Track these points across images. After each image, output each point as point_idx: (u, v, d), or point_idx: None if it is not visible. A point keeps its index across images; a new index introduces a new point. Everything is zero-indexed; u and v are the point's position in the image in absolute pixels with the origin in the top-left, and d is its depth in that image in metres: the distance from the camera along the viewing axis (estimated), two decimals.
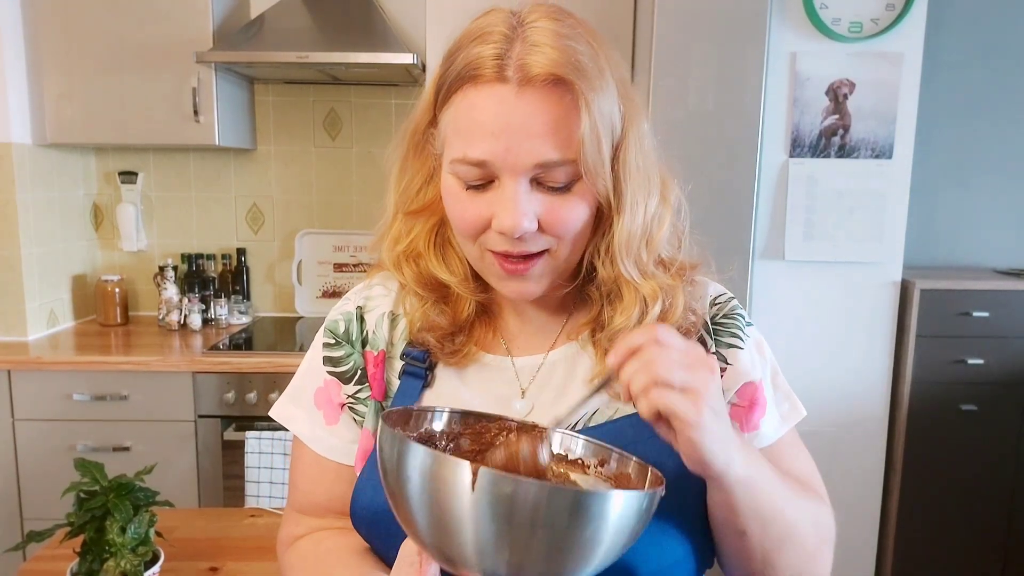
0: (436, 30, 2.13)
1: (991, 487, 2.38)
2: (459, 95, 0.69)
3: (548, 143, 0.67)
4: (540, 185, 0.69)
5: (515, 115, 0.66)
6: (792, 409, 0.83)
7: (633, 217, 0.73)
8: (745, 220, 2.10)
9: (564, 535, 0.53)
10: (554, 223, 0.70)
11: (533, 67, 0.66)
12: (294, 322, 2.73)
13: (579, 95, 0.66)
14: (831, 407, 2.30)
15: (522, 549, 0.53)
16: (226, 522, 1.45)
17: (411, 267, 0.81)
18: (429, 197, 0.79)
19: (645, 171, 0.74)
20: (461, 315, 0.80)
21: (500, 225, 0.69)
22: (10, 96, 2.29)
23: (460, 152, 0.69)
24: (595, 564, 0.56)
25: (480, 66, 0.67)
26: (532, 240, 0.70)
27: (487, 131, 0.67)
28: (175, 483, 2.20)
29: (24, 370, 2.17)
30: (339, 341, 0.84)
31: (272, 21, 2.39)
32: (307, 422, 0.84)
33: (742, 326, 0.82)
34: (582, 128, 0.66)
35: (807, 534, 0.73)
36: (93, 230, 2.77)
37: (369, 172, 2.76)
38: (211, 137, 2.38)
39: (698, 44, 2.02)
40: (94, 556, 1.07)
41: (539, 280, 0.74)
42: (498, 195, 0.69)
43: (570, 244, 0.72)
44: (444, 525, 0.55)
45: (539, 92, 0.66)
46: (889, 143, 2.20)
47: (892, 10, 2.13)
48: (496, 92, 0.67)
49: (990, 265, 2.70)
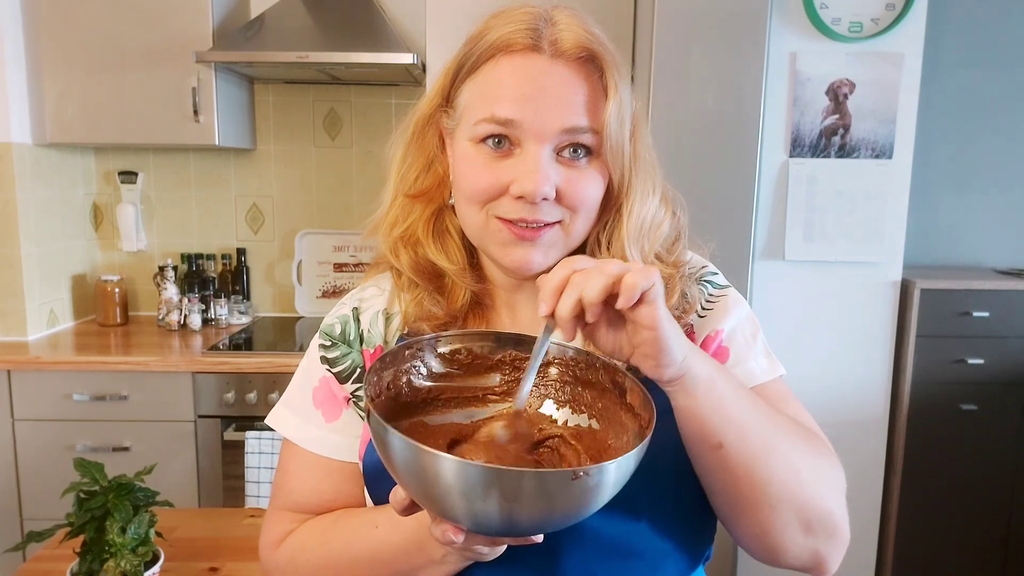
0: (436, 30, 2.12)
1: (991, 487, 2.38)
2: (489, 64, 0.72)
3: (577, 110, 0.70)
4: (560, 156, 0.71)
5: (547, 81, 0.70)
6: (771, 366, 0.80)
7: (643, 205, 0.76)
8: (745, 220, 2.10)
9: (550, 511, 0.56)
10: (572, 194, 0.71)
11: (565, 42, 0.70)
12: (294, 322, 2.73)
13: (608, 73, 0.71)
14: (831, 407, 2.30)
15: (507, 521, 0.56)
16: (226, 522, 1.45)
17: (408, 253, 0.81)
18: (428, 183, 0.81)
19: (652, 165, 0.78)
20: (455, 305, 0.80)
21: (522, 188, 0.69)
22: (10, 96, 2.29)
23: (487, 111, 0.71)
24: (583, 517, 0.59)
25: (514, 38, 0.71)
26: (548, 210, 0.71)
27: (519, 92, 0.70)
28: (175, 483, 2.20)
29: (24, 370, 2.17)
30: (336, 342, 0.84)
31: (272, 21, 2.39)
32: (305, 424, 0.83)
33: (709, 290, 0.81)
34: (609, 104, 0.70)
35: (797, 454, 0.68)
36: (93, 230, 2.77)
37: (369, 172, 2.76)
38: (211, 137, 2.38)
39: (698, 44, 2.02)
40: (94, 556, 1.07)
41: (547, 251, 0.73)
42: (520, 160, 0.71)
43: (582, 219, 0.74)
44: (432, 502, 0.57)
45: (571, 65, 0.70)
46: (889, 143, 2.20)
47: (892, 10, 2.13)
48: (530, 59, 0.70)
49: (990, 265, 2.70)
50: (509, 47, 0.70)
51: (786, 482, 0.67)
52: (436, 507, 0.57)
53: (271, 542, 0.84)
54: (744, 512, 0.69)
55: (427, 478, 0.55)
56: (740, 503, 0.69)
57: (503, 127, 0.70)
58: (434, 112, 0.78)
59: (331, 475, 0.82)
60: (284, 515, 0.85)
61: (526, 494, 0.53)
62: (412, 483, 0.58)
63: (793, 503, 0.67)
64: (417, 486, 0.57)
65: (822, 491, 0.69)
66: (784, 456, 0.67)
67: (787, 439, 0.68)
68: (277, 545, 0.83)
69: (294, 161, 2.76)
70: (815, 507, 0.68)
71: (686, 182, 0.85)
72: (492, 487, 0.53)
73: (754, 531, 0.70)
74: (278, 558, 0.83)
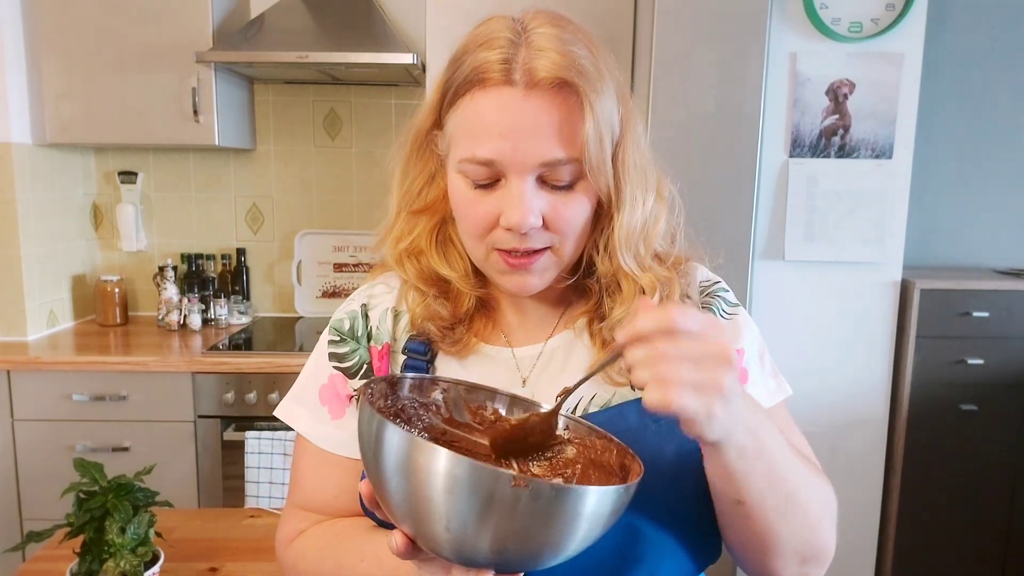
0: (436, 30, 2.12)
1: (991, 487, 2.38)
2: (466, 98, 0.71)
3: (553, 142, 0.70)
4: (544, 183, 0.72)
5: (522, 116, 0.69)
6: (778, 387, 0.84)
7: (632, 213, 0.76)
8: (745, 220, 2.10)
9: (537, 529, 0.54)
10: (558, 220, 0.73)
11: (539, 71, 0.68)
12: (294, 322, 2.73)
13: (583, 97, 0.69)
14: (831, 407, 2.30)
15: (493, 539, 0.54)
16: (226, 522, 1.45)
17: (413, 264, 0.83)
18: (431, 197, 0.82)
19: (642, 169, 0.77)
20: (461, 308, 0.82)
21: (508, 221, 0.71)
22: (10, 96, 2.29)
23: (468, 152, 0.71)
24: (567, 554, 0.57)
25: (487, 70, 0.70)
26: (536, 237, 0.73)
27: (495, 132, 0.70)
28: (175, 483, 2.20)
29: (24, 370, 2.17)
30: (344, 338, 0.85)
31: (272, 21, 2.39)
32: (312, 419, 0.85)
33: (723, 307, 0.83)
34: (586, 128, 0.69)
35: (810, 500, 0.71)
36: (93, 230, 2.77)
37: (369, 172, 2.76)
38: (211, 137, 2.38)
39: (698, 44, 2.02)
40: (94, 556, 1.07)
41: (541, 275, 0.76)
42: (505, 193, 0.72)
43: (572, 241, 0.75)
44: (420, 511, 0.55)
45: (545, 94, 0.69)
46: (889, 143, 2.20)
47: (892, 10, 2.13)
48: (503, 94, 0.69)
49: (990, 265, 2.70)
50: (483, 82, 0.70)
51: (798, 529, 0.71)
52: (430, 527, 0.55)
53: (283, 538, 0.87)
54: (751, 550, 0.73)
55: (415, 471, 0.54)
56: (751, 544, 0.72)
57: (485, 166, 0.71)
58: (430, 129, 0.78)
59: (336, 471, 0.84)
60: (296, 512, 0.87)
61: (502, 499, 0.52)
62: (405, 490, 0.56)
63: (800, 546, 0.72)
64: (411, 494, 0.55)
65: (824, 526, 0.73)
66: (799, 506, 0.70)
67: (803, 485, 0.71)
68: (289, 543, 0.86)
69: (294, 161, 2.76)
70: (816, 545, 0.73)
71: (686, 182, 0.85)
72: (474, 486, 0.52)
73: (756, 565, 0.75)
74: (287, 557, 0.86)
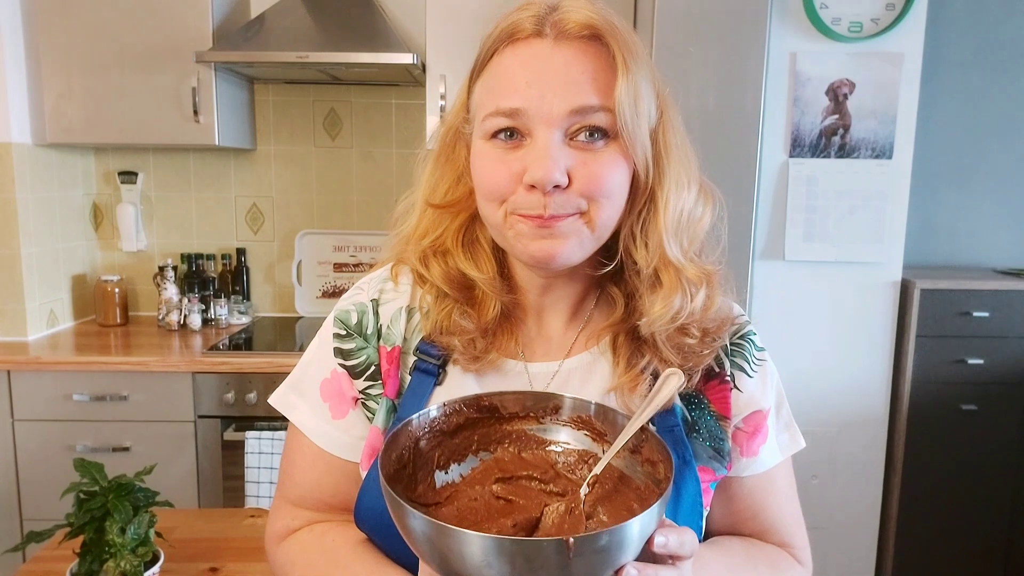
0: (436, 30, 2.12)
1: (991, 487, 2.38)
2: (495, 58, 0.70)
3: (585, 89, 0.67)
4: (574, 140, 0.68)
5: (550, 64, 0.67)
6: (791, 440, 0.84)
7: (679, 195, 0.73)
8: (745, 220, 2.10)
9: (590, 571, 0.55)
10: (587, 178, 0.67)
11: (569, 22, 0.68)
12: (294, 322, 2.73)
13: (615, 52, 0.67)
14: (831, 407, 2.30)
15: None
16: (226, 523, 1.45)
17: (438, 264, 0.79)
18: (457, 195, 0.79)
19: (685, 153, 0.75)
20: (486, 316, 0.78)
21: (532, 176, 0.66)
22: (10, 96, 2.29)
23: (493, 105, 0.69)
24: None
25: (517, 28, 0.69)
26: (563, 201, 0.67)
27: (521, 81, 0.68)
28: (175, 483, 2.20)
29: (24, 370, 2.17)
30: (351, 333, 0.81)
31: (272, 21, 2.39)
32: (311, 413, 0.82)
33: (753, 351, 0.81)
34: (618, 81, 0.66)
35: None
36: (93, 230, 2.77)
37: (369, 172, 2.76)
38: (211, 137, 2.38)
39: (698, 44, 2.02)
40: (94, 557, 1.07)
41: (569, 240, 0.69)
42: (530, 148, 0.68)
43: (605, 207, 0.69)
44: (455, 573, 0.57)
45: (575, 45, 0.68)
46: (889, 143, 2.20)
47: (892, 10, 2.13)
48: (532, 46, 0.68)
49: (990, 265, 2.70)
50: (512, 36, 0.69)
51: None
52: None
53: (273, 534, 0.85)
54: None
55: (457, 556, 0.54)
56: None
57: (510, 118, 0.68)
58: (460, 124, 0.76)
59: (332, 471, 0.82)
60: (288, 508, 0.85)
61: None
62: (439, 562, 0.57)
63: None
64: (445, 566, 0.57)
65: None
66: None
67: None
68: (279, 540, 0.84)
69: (294, 161, 2.76)
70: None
71: None
72: (512, 557, 0.53)
73: None
74: (277, 556, 0.84)
